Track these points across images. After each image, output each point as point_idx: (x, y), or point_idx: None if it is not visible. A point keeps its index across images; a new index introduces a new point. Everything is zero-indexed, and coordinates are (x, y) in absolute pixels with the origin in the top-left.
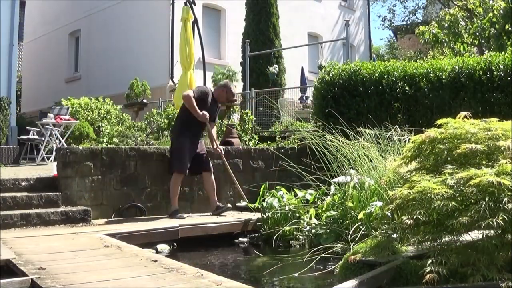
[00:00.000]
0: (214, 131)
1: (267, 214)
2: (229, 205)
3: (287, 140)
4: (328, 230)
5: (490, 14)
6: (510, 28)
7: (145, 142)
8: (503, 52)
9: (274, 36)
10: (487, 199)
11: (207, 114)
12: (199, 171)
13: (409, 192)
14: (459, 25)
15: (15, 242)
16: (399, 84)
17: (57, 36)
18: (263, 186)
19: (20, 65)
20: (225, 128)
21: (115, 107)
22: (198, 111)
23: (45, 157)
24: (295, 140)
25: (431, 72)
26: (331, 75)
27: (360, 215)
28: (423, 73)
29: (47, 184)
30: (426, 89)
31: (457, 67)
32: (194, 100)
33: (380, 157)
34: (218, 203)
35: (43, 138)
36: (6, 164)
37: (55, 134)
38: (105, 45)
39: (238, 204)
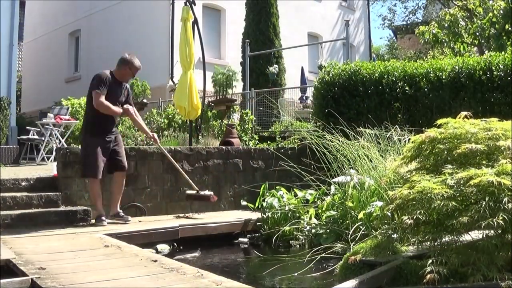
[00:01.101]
0: (138, 118)
1: (267, 214)
2: (130, 218)
3: (287, 140)
4: (328, 230)
5: (490, 14)
6: (510, 28)
7: (145, 142)
8: (503, 52)
9: (274, 36)
10: (487, 199)
11: (132, 108)
12: (112, 170)
13: (409, 192)
14: (459, 25)
15: (15, 242)
16: (399, 84)
17: (57, 36)
18: (263, 186)
19: (20, 65)
20: (225, 128)
21: None
22: (118, 109)
23: (45, 157)
24: (295, 140)
25: (431, 72)
26: (331, 75)
27: (360, 215)
28: (423, 73)
29: (47, 184)
30: (426, 89)
31: (457, 67)
32: (107, 103)
33: (380, 157)
34: (120, 210)
35: (43, 138)
36: (6, 164)
37: (55, 134)
38: (105, 45)
39: (187, 191)
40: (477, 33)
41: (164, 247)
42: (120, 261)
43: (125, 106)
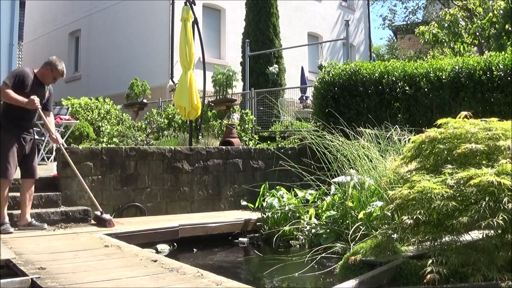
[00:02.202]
0: (51, 119)
1: (267, 214)
2: (46, 225)
3: (287, 140)
4: (328, 230)
5: (490, 14)
6: (510, 28)
7: (145, 142)
8: (503, 52)
9: (274, 36)
10: (487, 199)
11: (37, 99)
12: (23, 175)
13: (409, 192)
14: (459, 25)
15: (15, 242)
16: (399, 84)
17: (57, 36)
18: (263, 186)
19: (20, 65)
20: (225, 128)
21: (115, 107)
22: (22, 99)
23: (45, 157)
24: (295, 140)
25: (431, 72)
26: (331, 75)
27: (360, 215)
28: (423, 73)
29: (47, 184)
30: (426, 89)
31: (457, 67)
32: (11, 91)
33: (380, 157)
34: (31, 219)
35: (43, 138)
36: None
37: None
38: (105, 45)
39: (96, 212)
40: (477, 33)
41: (164, 247)
42: (120, 261)
43: (31, 96)
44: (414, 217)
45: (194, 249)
